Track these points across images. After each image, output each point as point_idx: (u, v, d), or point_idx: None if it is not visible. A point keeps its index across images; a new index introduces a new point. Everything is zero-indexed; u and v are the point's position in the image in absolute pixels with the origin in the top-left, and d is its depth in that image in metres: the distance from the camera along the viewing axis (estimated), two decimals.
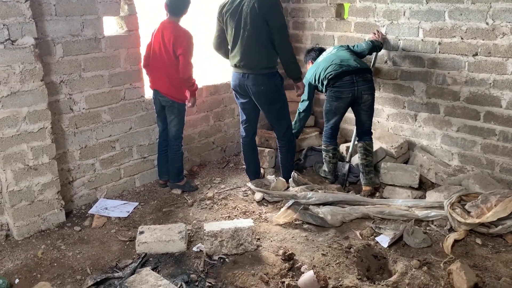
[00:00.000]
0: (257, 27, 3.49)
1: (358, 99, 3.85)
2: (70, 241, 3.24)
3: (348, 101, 3.86)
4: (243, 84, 3.71)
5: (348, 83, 3.80)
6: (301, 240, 3.20)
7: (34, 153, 3.23)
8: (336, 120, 4.02)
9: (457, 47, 3.91)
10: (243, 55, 3.61)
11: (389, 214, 3.43)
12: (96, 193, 3.82)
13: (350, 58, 3.92)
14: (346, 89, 3.81)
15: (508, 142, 3.79)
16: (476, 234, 3.20)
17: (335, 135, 4.12)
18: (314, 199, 3.57)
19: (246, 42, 3.56)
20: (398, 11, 4.20)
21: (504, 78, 3.71)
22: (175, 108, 3.80)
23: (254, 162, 4.13)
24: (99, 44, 3.56)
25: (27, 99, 3.13)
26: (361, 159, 3.98)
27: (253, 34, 3.52)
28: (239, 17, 3.55)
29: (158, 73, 3.73)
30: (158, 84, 3.77)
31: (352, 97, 3.83)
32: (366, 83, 3.82)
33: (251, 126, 3.98)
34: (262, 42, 3.54)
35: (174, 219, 3.54)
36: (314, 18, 4.91)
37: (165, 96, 3.76)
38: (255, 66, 3.62)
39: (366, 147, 3.96)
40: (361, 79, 3.80)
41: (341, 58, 3.91)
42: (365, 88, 3.82)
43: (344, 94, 3.83)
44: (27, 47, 3.06)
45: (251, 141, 4.03)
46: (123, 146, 3.92)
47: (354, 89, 3.80)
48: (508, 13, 3.56)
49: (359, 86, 3.79)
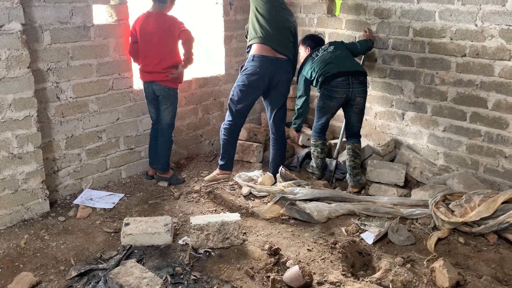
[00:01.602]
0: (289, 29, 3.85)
1: (351, 100, 3.87)
2: (54, 231, 3.20)
3: (341, 101, 3.89)
4: (276, 70, 3.76)
5: (343, 84, 3.81)
6: (287, 235, 3.22)
7: (19, 142, 3.18)
8: (327, 118, 4.05)
9: (446, 47, 3.95)
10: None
11: (375, 211, 3.47)
12: (81, 183, 3.78)
13: (347, 58, 3.95)
14: (341, 90, 3.83)
15: (493, 143, 3.84)
16: (459, 233, 3.25)
17: (325, 131, 4.15)
18: (301, 194, 3.58)
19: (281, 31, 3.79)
20: (390, 9, 4.22)
21: (491, 80, 3.76)
22: (171, 95, 3.78)
23: None
24: (88, 32, 3.51)
25: (13, 86, 3.07)
26: (349, 160, 4.00)
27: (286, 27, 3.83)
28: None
29: (154, 63, 3.67)
30: (154, 74, 3.69)
31: (346, 98, 3.85)
32: (361, 86, 3.86)
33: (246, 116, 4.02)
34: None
35: (160, 212, 3.53)
36: (305, 14, 4.91)
37: (161, 84, 3.71)
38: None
39: (354, 149, 3.99)
40: (357, 81, 3.83)
41: (339, 58, 3.91)
42: (359, 91, 3.85)
43: (338, 94, 3.85)
44: (14, 33, 3.00)
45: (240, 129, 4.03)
46: (110, 137, 3.88)
47: (349, 90, 3.82)
48: (497, 15, 3.61)
49: (354, 88, 3.82)
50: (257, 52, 3.74)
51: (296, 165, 4.38)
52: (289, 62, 3.86)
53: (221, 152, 3.99)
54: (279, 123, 4.01)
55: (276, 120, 3.98)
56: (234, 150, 4.05)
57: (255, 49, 3.77)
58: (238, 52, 4.78)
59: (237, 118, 3.89)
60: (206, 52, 4.80)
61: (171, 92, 3.77)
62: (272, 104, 3.95)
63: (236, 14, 4.65)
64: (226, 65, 4.74)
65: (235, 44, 4.73)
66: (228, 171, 4.02)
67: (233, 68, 4.80)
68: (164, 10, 3.66)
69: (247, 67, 3.78)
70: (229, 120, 3.90)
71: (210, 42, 4.73)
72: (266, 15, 3.75)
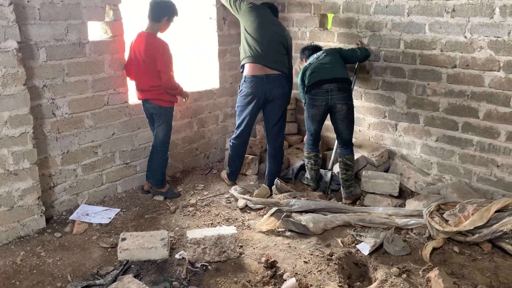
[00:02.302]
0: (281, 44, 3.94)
1: (333, 108, 3.92)
2: (50, 247, 3.20)
3: (323, 109, 3.95)
4: (267, 87, 3.85)
5: (322, 92, 3.88)
6: (284, 247, 3.23)
7: (15, 158, 3.19)
8: (315, 128, 4.10)
9: (437, 59, 4.02)
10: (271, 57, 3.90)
11: (370, 222, 3.49)
12: (77, 199, 3.78)
13: (330, 66, 3.96)
14: (321, 97, 3.90)
15: (485, 153, 3.90)
16: (454, 242, 3.28)
17: (317, 142, 4.19)
18: (296, 206, 3.60)
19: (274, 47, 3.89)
20: (380, 22, 4.29)
21: (481, 90, 3.82)
22: (162, 114, 3.81)
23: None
24: (83, 49, 3.54)
25: (9, 103, 3.09)
26: (341, 173, 4.02)
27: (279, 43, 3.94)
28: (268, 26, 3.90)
29: (143, 82, 3.74)
30: (144, 93, 3.77)
31: (326, 105, 3.91)
32: (340, 93, 3.87)
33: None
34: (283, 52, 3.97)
35: (156, 226, 3.53)
36: (298, 28, 4.98)
37: (153, 103, 3.76)
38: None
39: (346, 161, 3.99)
40: (335, 88, 3.86)
41: (323, 66, 3.97)
42: (339, 98, 3.87)
43: (318, 102, 3.92)
44: (10, 51, 3.02)
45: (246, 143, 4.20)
46: (105, 152, 3.89)
47: (328, 98, 3.88)
48: (485, 27, 3.68)
49: (333, 95, 3.86)
50: (248, 73, 3.87)
51: (291, 176, 4.41)
52: (282, 77, 3.91)
53: (228, 162, 4.25)
54: (276, 137, 4.05)
55: (273, 134, 4.03)
56: (239, 164, 4.25)
57: (247, 70, 3.90)
58: (232, 66, 4.83)
59: (239, 137, 4.08)
60: (201, 66, 4.85)
61: (162, 111, 3.80)
62: (268, 119, 4.01)
63: (230, 29, 4.70)
64: (221, 78, 4.79)
65: (229, 58, 4.78)
66: (231, 181, 4.27)
67: (228, 82, 4.85)
68: (158, 30, 3.69)
69: (242, 89, 3.96)
70: (233, 138, 4.13)
71: (205, 56, 4.78)
72: (254, 34, 3.84)
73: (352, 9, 4.46)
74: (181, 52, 4.96)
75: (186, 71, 4.88)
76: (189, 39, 4.88)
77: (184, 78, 4.71)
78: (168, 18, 3.69)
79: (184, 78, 4.69)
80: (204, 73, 4.82)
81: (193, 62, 4.91)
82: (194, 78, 4.85)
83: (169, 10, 3.68)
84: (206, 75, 4.80)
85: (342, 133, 4.03)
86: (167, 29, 3.77)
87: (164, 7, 3.66)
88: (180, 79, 3.96)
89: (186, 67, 4.92)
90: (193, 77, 4.87)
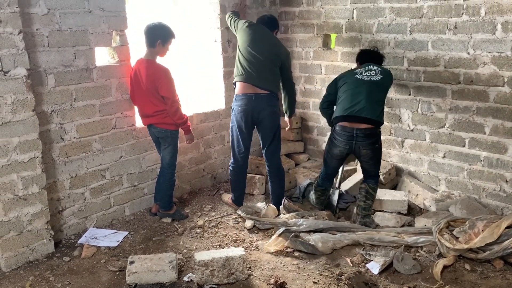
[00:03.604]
0: (273, 63, 3.91)
1: (356, 152, 3.72)
2: (59, 272, 3.20)
3: (345, 152, 3.73)
4: (255, 105, 3.85)
5: (347, 136, 3.63)
6: (293, 268, 3.21)
7: (24, 183, 3.22)
8: (334, 166, 3.92)
9: (441, 75, 4.04)
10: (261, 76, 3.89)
11: (379, 241, 3.46)
12: (85, 222, 3.80)
13: (366, 101, 3.60)
14: (344, 141, 3.67)
15: (493, 168, 3.87)
16: (465, 259, 3.24)
17: (331, 178, 4.02)
18: (304, 226, 3.59)
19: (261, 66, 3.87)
20: (383, 41, 4.34)
21: (486, 105, 3.82)
22: (168, 137, 3.84)
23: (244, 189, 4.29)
24: (90, 74, 3.61)
25: (18, 129, 3.14)
26: (360, 200, 3.83)
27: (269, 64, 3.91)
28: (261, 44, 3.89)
29: (147, 108, 3.76)
30: (149, 118, 3.80)
31: (350, 149, 3.69)
32: (366, 139, 3.61)
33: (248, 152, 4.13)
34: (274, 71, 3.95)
35: (164, 248, 3.53)
36: (302, 48, 5.04)
37: (158, 127, 3.80)
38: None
39: (368, 190, 3.81)
40: (362, 134, 3.60)
41: (357, 97, 3.63)
42: (364, 144, 3.63)
43: (341, 144, 3.70)
44: (19, 78, 3.09)
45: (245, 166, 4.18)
46: (113, 175, 3.92)
47: (352, 143, 3.64)
48: (487, 43, 3.71)
49: (358, 141, 3.62)
50: (239, 91, 3.91)
51: (299, 196, 4.39)
52: (271, 97, 3.88)
53: (231, 188, 4.26)
54: (271, 157, 4.06)
55: (267, 154, 4.05)
56: (242, 187, 4.23)
57: (237, 88, 3.94)
58: None
59: (237, 158, 4.07)
60: (207, 88, 4.91)
61: (168, 134, 3.83)
62: (262, 139, 4.04)
63: (234, 51, 4.75)
64: (226, 99, 4.83)
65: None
66: (236, 205, 4.20)
67: None
68: (156, 55, 3.71)
69: (233, 107, 3.99)
70: (232, 162, 4.13)
71: (210, 78, 4.84)
72: (245, 53, 3.89)
73: (355, 29, 4.52)
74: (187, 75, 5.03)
75: (192, 93, 4.94)
76: (194, 61, 4.95)
77: (191, 100, 4.78)
78: (162, 41, 3.67)
79: (190, 100, 4.76)
80: (210, 95, 4.87)
81: (199, 84, 4.98)
82: (200, 99, 4.91)
83: (162, 33, 3.67)
84: (212, 96, 4.85)
85: (368, 170, 3.84)
86: (166, 52, 3.78)
87: (156, 31, 3.66)
88: (186, 101, 4.00)
89: (192, 89, 4.98)
90: (199, 99, 4.92)
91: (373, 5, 4.33)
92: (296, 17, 5.00)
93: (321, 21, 4.77)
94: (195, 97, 4.93)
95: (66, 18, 3.37)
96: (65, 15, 3.37)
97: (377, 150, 3.74)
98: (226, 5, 4.57)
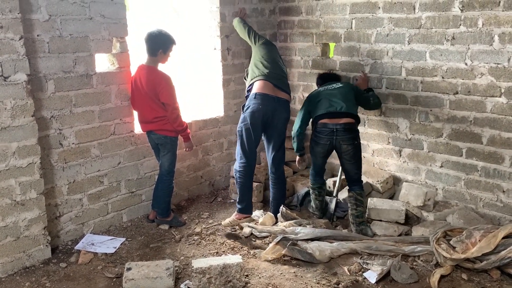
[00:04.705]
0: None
1: (337, 148, 3.83)
2: (56, 278, 3.19)
3: (327, 148, 3.87)
4: (276, 107, 3.87)
5: (327, 131, 3.79)
6: (290, 276, 3.20)
7: (22, 188, 3.22)
8: (319, 163, 4.06)
9: (439, 85, 4.06)
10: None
11: (376, 249, 3.46)
12: (83, 228, 3.79)
13: (341, 99, 3.85)
14: (325, 137, 3.82)
15: (490, 178, 3.89)
16: (462, 269, 3.24)
17: (321, 174, 4.15)
18: (302, 234, 3.58)
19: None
20: (382, 50, 4.37)
21: (484, 116, 3.85)
22: (168, 143, 3.85)
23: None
24: (90, 80, 3.62)
25: (17, 134, 3.14)
26: (351, 209, 3.88)
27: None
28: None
29: (147, 114, 3.79)
30: (149, 124, 3.82)
31: (331, 145, 3.83)
32: (346, 133, 3.77)
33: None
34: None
35: (161, 255, 3.52)
36: (300, 57, 5.07)
37: (158, 133, 3.81)
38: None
39: (356, 197, 3.86)
40: (341, 128, 3.76)
41: (334, 96, 3.89)
42: (344, 139, 3.77)
43: (322, 140, 3.85)
44: (19, 83, 3.10)
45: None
46: (111, 181, 3.92)
47: (333, 138, 3.78)
48: (485, 54, 3.74)
49: (338, 135, 3.76)
50: (259, 90, 3.86)
51: (297, 204, 4.40)
52: (287, 103, 3.99)
53: (239, 195, 3.96)
54: (279, 163, 4.06)
55: (275, 160, 4.04)
56: (252, 191, 4.08)
57: (258, 87, 3.89)
58: (236, 95, 4.90)
59: (249, 157, 3.94)
60: (206, 95, 4.93)
61: (167, 140, 3.85)
62: (271, 144, 4.01)
63: (234, 59, 4.80)
64: (225, 107, 4.85)
65: (233, 87, 4.86)
66: (248, 214, 3.96)
67: (232, 110, 4.91)
68: (158, 62, 3.75)
69: (249, 105, 3.86)
70: (242, 161, 3.94)
71: (209, 85, 4.87)
72: (267, 58, 3.99)
73: (354, 38, 4.55)
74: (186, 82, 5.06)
75: (191, 100, 4.96)
76: (194, 69, 4.98)
77: (190, 107, 4.80)
78: (163, 50, 3.71)
79: (189, 107, 4.77)
80: (209, 102, 4.89)
81: (198, 91, 5.00)
82: (199, 106, 4.93)
83: (162, 42, 3.70)
84: (211, 103, 4.87)
85: (349, 172, 3.91)
86: (168, 59, 3.81)
87: (157, 41, 3.68)
88: (185, 108, 4.01)
89: (191, 96, 5.01)
90: (198, 106, 4.94)
91: (372, 15, 4.36)
92: (295, 26, 5.04)
93: (320, 30, 4.81)
94: (194, 104, 4.95)
95: (67, 24, 3.40)
96: (66, 22, 3.39)
97: (357, 147, 3.86)
98: (226, 14, 4.60)
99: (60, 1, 3.33)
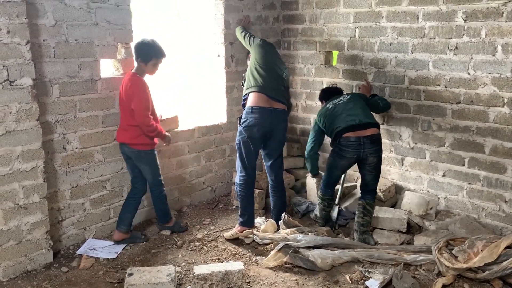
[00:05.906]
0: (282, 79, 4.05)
1: (363, 160, 3.77)
2: (57, 282, 3.19)
3: (352, 161, 3.81)
4: (274, 120, 3.85)
5: (354, 144, 3.70)
6: (291, 284, 3.20)
7: (25, 192, 3.23)
8: (337, 175, 4.02)
9: (441, 95, 4.08)
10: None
11: (378, 258, 3.45)
12: (84, 233, 3.79)
13: (359, 111, 3.81)
14: (352, 150, 3.73)
15: (492, 188, 3.89)
16: (464, 279, 3.23)
17: (334, 186, 4.10)
18: (304, 242, 3.58)
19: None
20: (385, 59, 4.39)
21: (486, 125, 3.86)
22: (143, 157, 3.69)
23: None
24: (95, 85, 3.64)
25: (22, 138, 3.16)
26: (357, 217, 3.85)
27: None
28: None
29: (122, 119, 3.66)
30: (123, 133, 3.67)
31: (358, 158, 3.76)
32: (373, 146, 3.72)
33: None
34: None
35: (163, 261, 3.52)
36: (304, 65, 5.09)
37: (131, 147, 3.64)
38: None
39: (366, 206, 3.83)
40: (368, 141, 3.70)
41: (350, 111, 3.81)
42: (371, 151, 3.72)
43: (349, 154, 3.76)
44: (25, 88, 3.12)
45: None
46: (114, 186, 3.93)
47: (360, 151, 3.71)
48: (488, 64, 3.76)
49: (366, 148, 3.70)
50: (255, 104, 3.81)
51: (300, 210, 4.40)
52: (284, 112, 3.95)
53: (241, 208, 3.96)
54: (278, 171, 4.06)
55: (275, 168, 4.04)
56: (253, 204, 4.06)
57: (253, 100, 3.84)
58: (239, 101, 4.90)
59: (249, 170, 3.93)
60: (209, 102, 4.95)
61: (142, 154, 3.67)
62: (270, 153, 4.01)
63: (237, 66, 4.82)
64: (228, 113, 4.87)
65: (236, 94, 4.88)
66: (250, 227, 3.94)
67: (235, 117, 4.92)
68: (142, 71, 3.60)
69: (246, 119, 3.82)
70: (242, 175, 3.93)
71: (213, 92, 4.89)
72: (263, 65, 3.92)
73: (357, 47, 4.57)
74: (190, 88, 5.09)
75: (194, 106, 4.98)
76: (197, 75, 5.01)
77: (193, 113, 4.82)
78: (142, 59, 3.55)
79: (192, 113, 4.79)
80: (212, 108, 4.91)
81: (201, 97, 5.02)
82: (202, 113, 4.95)
83: (142, 52, 3.55)
84: (214, 110, 4.89)
85: (368, 183, 3.88)
86: (154, 71, 3.66)
87: (138, 49, 3.57)
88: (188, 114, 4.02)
89: (194, 103, 5.03)
90: (201, 112, 4.96)
91: (375, 24, 4.39)
92: (299, 34, 5.06)
93: (324, 38, 4.84)
94: (197, 110, 4.97)
95: (73, 30, 3.42)
96: (72, 27, 3.42)
97: (380, 158, 3.85)
98: (231, 21, 4.63)
99: (66, 6, 3.37)
